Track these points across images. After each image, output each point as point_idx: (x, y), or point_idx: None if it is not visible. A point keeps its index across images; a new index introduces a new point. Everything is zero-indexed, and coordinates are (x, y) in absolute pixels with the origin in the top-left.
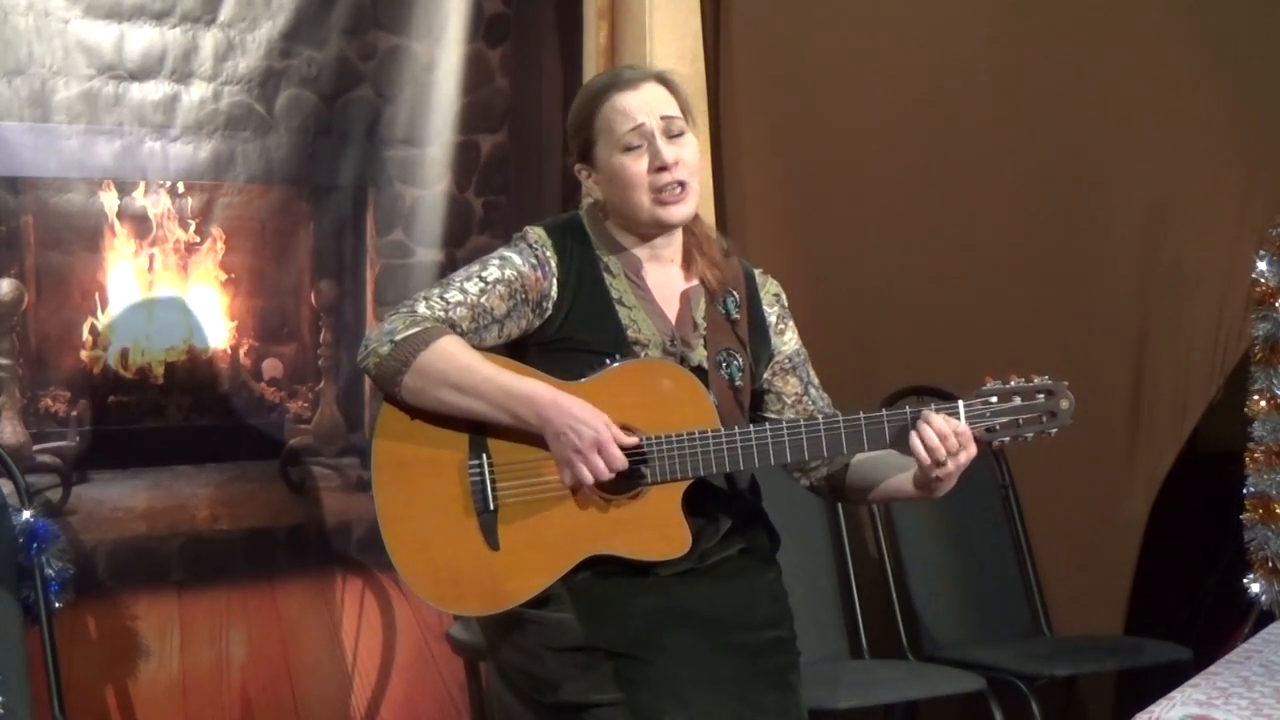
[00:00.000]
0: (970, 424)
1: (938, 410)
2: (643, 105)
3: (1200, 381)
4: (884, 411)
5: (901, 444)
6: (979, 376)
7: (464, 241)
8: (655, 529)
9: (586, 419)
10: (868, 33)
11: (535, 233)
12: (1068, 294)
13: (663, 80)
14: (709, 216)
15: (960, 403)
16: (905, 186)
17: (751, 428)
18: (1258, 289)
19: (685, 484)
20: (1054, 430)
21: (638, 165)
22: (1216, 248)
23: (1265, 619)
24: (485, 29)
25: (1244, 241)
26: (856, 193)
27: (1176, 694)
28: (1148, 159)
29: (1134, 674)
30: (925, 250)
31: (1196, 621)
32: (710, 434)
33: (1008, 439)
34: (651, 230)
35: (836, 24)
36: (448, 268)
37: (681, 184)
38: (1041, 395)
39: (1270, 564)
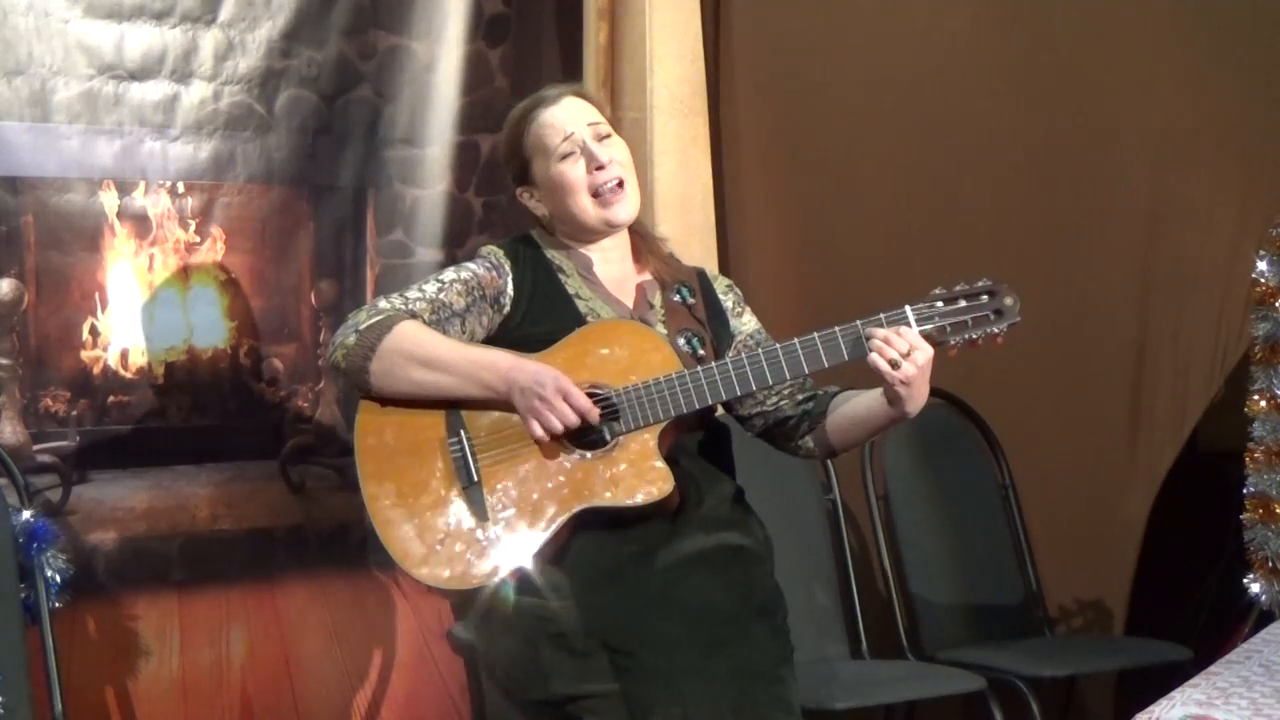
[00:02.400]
0: (920, 328)
1: (887, 319)
2: (568, 117)
3: (1200, 381)
4: (835, 327)
5: (856, 353)
6: (977, 374)
7: (464, 241)
8: (635, 475)
9: (549, 372)
10: (867, 33)
11: (487, 247)
12: (1068, 293)
13: (580, 94)
14: (708, 216)
15: (907, 307)
16: (905, 186)
17: (714, 363)
18: (1258, 289)
19: (659, 428)
20: (1003, 327)
21: (576, 171)
22: (1216, 248)
23: (1265, 619)
24: (485, 29)
25: (1244, 241)
26: (856, 192)
27: (1176, 694)
28: (1148, 159)
29: (1134, 674)
30: (925, 249)
31: (1196, 621)
32: (675, 376)
33: (961, 340)
34: (600, 233)
35: (836, 24)
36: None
37: (620, 181)
38: (985, 296)
39: (1270, 564)
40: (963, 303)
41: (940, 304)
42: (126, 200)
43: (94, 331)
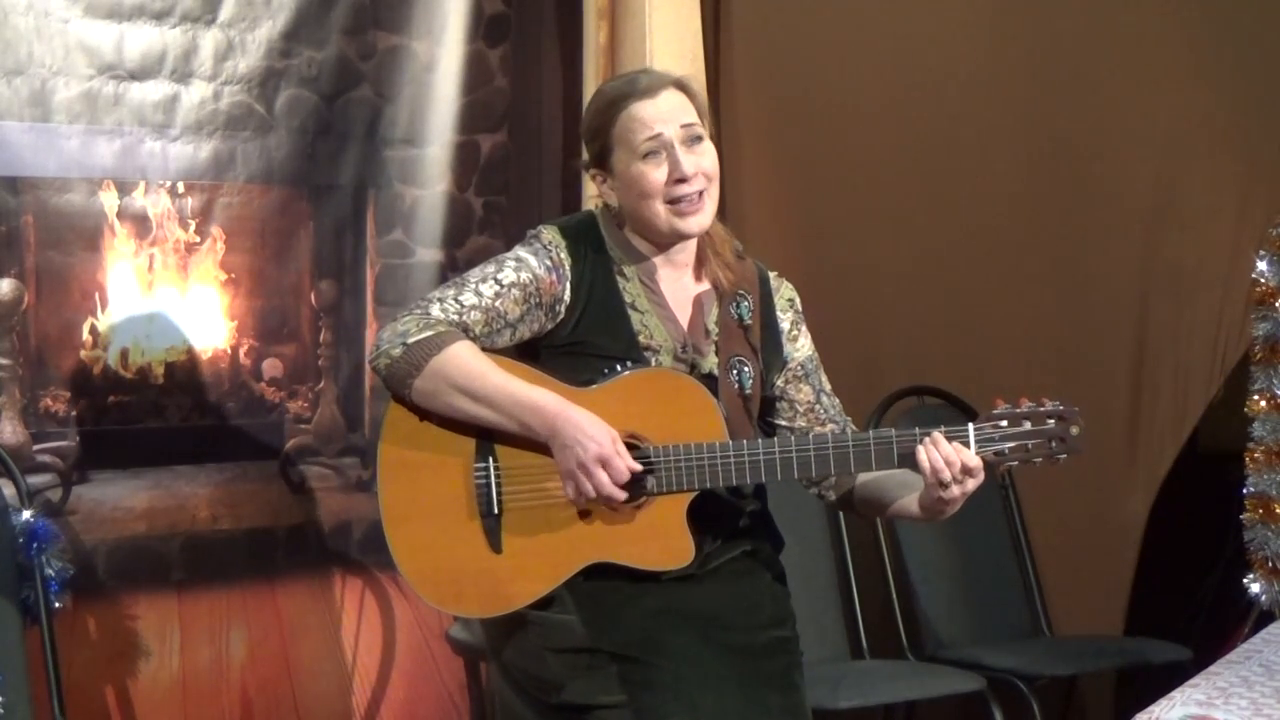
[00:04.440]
0: (979, 448)
1: (947, 435)
2: (661, 115)
3: (1200, 381)
4: (893, 431)
5: (908, 464)
6: (978, 375)
7: (464, 241)
8: (659, 539)
9: (594, 433)
10: (867, 33)
11: (549, 233)
12: (1068, 294)
13: (680, 86)
14: None
15: (970, 427)
16: (905, 186)
17: (760, 443)
18: (1258, 289)
19: (690, 495)
20: (1063, 456)
21: (656, 174)
22: (1216, 248)
23: (1265, 619)
24: (485, 29)
25: (1244, 241)
26: (856, 192)
27: (1176, 694)
28: (1148, 159)
29: (1134, 674)
30: (926, 249)
31: (1196, 621)
32: (718, 447)
33: (1016, 463)
34: (669, 239)
35: (836, 24)
36: (447, 268)
37: (700, 193)
38: (1052, 421)
39: (1270, 564)
40: (1027, 424)
41: (1004, 423)
42: (126, 200)
43: (94, 331)
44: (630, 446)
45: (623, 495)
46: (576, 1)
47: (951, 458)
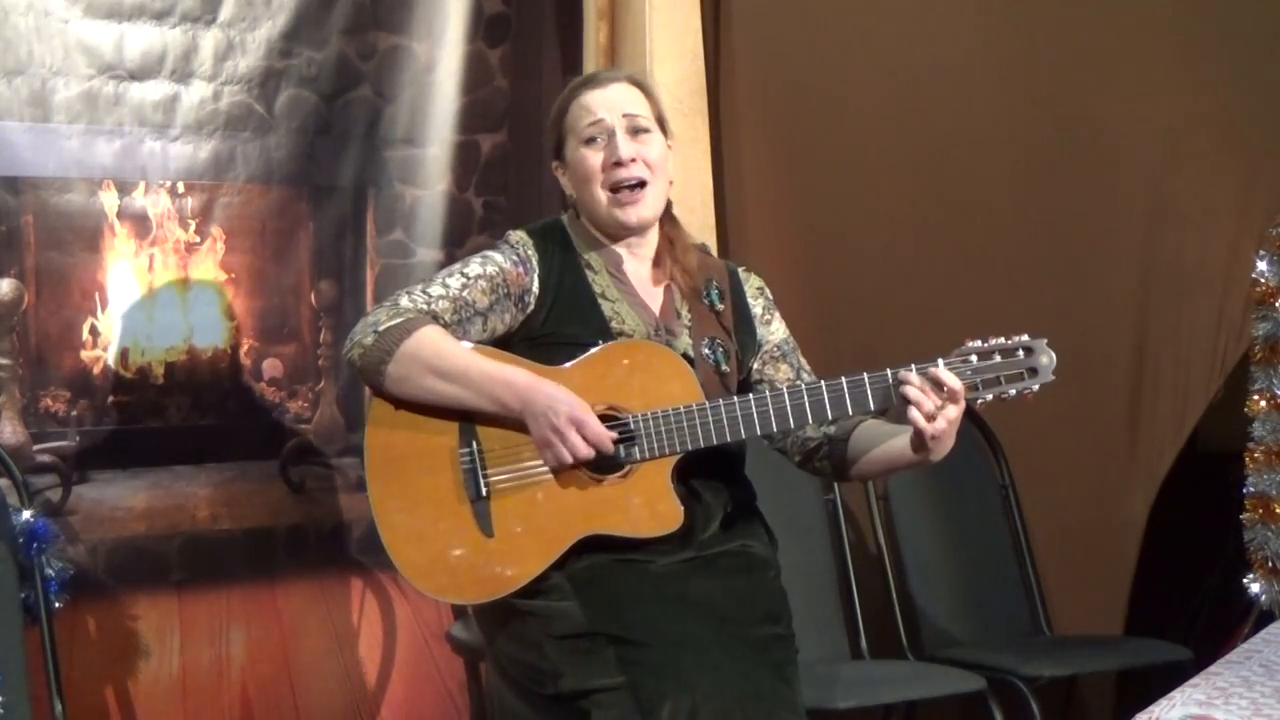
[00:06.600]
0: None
1: (918, 370)
2: (606, 102)
3: (1200, 381)
4: (865, 374)
5: (885, 405)
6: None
7: (464, 241)
8: (646, 506)
9: (565, 398)
10: (867, 32)
11: (516, 234)
12: (1068, 293)
13: (635, 82)
14: (708, 216)
15: (940, 362)
16: (905, 186)
17: (735, 398)
18: (1258, 289)
19: (674, 460)
20: (1036, 387)
21: (595, 159)
22: (1216, 248)
23: (1265, 619)
24: (485, 29)
25: (1244, 241)
26: (856, 192)
27: (1176, 694)
28: (1148, 159)
29: (1134, 674)
30: (925, 249)
31: (1196, 621)
32: (695, 407)
33: (990, 397)
34: (613, 230)
35: (836, 24)
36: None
37: (641, 183)
38: (1021, 352)
39: (1270, 564)
40: (997, 358)
41: (974, 359)
42: (126, 200)
43: (94, 331)
44: (610, 417)
45: (596, 447)
46: (576, 1)
47: (929, 389)
